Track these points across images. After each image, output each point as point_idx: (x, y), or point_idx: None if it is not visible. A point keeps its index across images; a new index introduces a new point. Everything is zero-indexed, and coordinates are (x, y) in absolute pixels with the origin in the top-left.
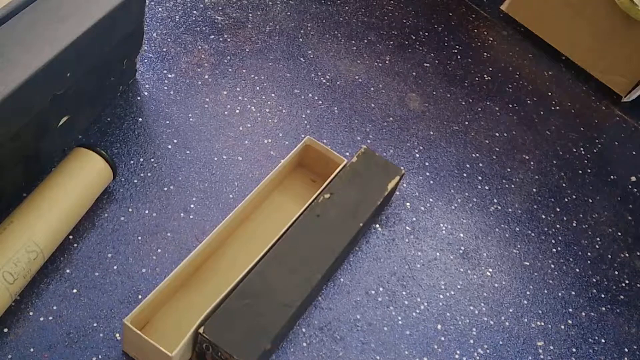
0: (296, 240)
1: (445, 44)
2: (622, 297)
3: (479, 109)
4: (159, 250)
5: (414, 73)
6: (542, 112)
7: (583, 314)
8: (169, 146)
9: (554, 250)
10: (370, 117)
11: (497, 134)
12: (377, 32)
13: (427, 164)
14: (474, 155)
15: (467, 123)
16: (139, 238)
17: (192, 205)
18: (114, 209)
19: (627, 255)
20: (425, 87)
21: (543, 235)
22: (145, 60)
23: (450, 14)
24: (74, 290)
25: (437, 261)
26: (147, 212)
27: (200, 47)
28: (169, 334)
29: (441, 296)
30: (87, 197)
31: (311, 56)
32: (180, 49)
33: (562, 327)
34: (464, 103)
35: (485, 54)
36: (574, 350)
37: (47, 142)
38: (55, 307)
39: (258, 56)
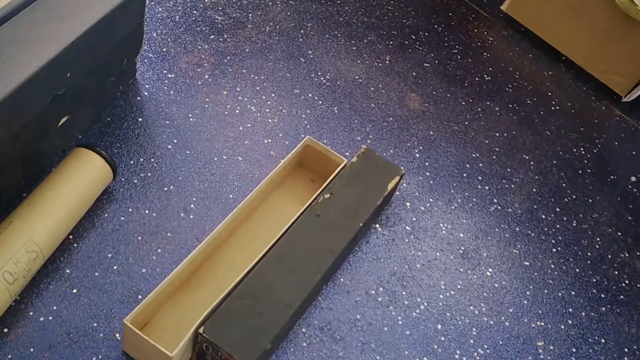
0: (296, 240)
1: (445, 44)
2: (622, 297)
3: (479, 109)
4: (159, 250)
5: (414, 73)
6: (542, 112)
7: (583, 314)
8: (169, 146)
9: (554, 250)
10: (370, 117)
11: (497, 134)
12: (377, 32)
13: (427, 164)
14: (474, 155)
15: (467, 123)
16: (139, 238)
17: (192, 205)
18: (114, 209)
19: (627, 255)
20: (425, 87)
21: (543, 235)
22: (145, 60)
23: (450, 14)
24: (74, 290)
25: (437, 261)
26: (147, 212)
27: (200, 47)
28: (169, 334)
29: (441, 296)
30: (87, 197)
31: (311, 56)
32: (180, 49)
33: (562, 327)
34: (464, 103)
35: (485, 54)
36: (574, 350)
37: (47, 142)
38: (55, 307)
39: (258, 56)
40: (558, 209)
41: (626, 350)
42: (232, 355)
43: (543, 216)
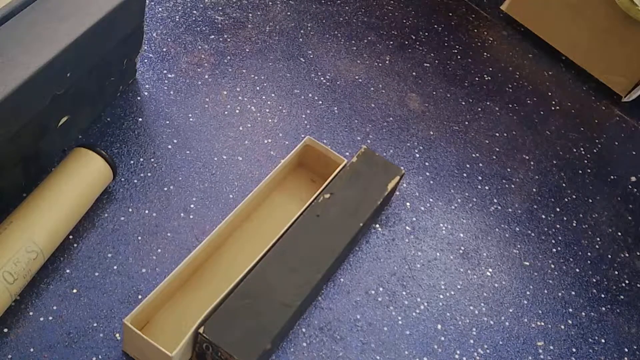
0: (296, 240)
1: (445, 44)
2: (622, 297)
3: (479, 109)
4: (159, 250)
5: (414, 73)
6: (542, 112)
7: (583, 314)
8: (169, 146)
9: (554, 250)
10: (370, 117)
11: (497, 134)
12: (377, 32)
13: (427, 164)
14: (474, 155)
15: (467, 123)
16: (139, 238)
17: (192, 205)
18: (114, 209)
19: (627, 255)
20: (425, 87)
21: (543, 235)
22: (145, 60)
23: (450, 14)
24: (74, 290)
25: (437, 261)
26: (147, 212)
27: (200, 47)
28: (169, 334)
29: (441, 296)
30: (87, 197)
31: (311, 56)
32: (180, 49)
33: (562, 327)
34: (464, 103)
35: (485, 54)
36: (574, 350)
37: (47, 142)
38: (55, 307)
39: (258, 56)
40: (558, 209)
41: (626, 350)
42: (232, 355)
43: (543, 216)
